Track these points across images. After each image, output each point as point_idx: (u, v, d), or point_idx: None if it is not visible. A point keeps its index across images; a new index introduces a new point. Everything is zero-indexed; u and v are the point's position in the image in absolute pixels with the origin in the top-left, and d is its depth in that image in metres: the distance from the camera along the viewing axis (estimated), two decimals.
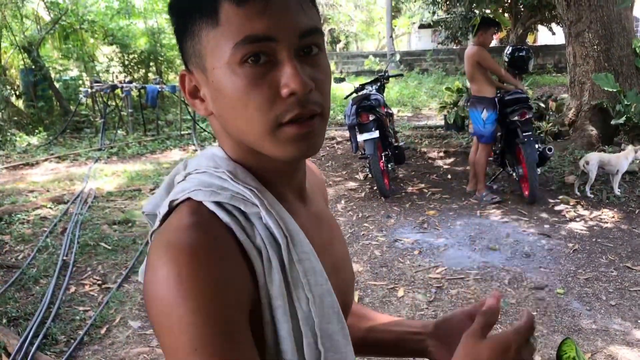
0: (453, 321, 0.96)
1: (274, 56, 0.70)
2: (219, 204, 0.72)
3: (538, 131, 7.75)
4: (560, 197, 5.78)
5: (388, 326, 1.05)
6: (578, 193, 5.82)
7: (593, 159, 5.72)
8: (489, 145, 5.89)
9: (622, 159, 5.77)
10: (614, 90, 7.22)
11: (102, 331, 3.51)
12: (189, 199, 0.74)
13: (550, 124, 8.05)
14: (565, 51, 8.31)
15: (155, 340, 3.36)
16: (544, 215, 5.39)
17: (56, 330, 3.46)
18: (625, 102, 7.15)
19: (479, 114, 5.70)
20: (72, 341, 3.36)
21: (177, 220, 0.71)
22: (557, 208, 5.55)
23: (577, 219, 5.26)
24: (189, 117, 9.94)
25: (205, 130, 9.63)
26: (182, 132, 9.55)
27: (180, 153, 8.31)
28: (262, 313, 0.71)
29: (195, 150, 8.32)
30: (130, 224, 5.41)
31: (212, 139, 9.16)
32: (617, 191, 5.75)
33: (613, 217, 5.28)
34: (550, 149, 5.63)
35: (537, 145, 5.54)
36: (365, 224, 5.35)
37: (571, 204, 5.61)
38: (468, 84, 6.62)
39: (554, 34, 18.88)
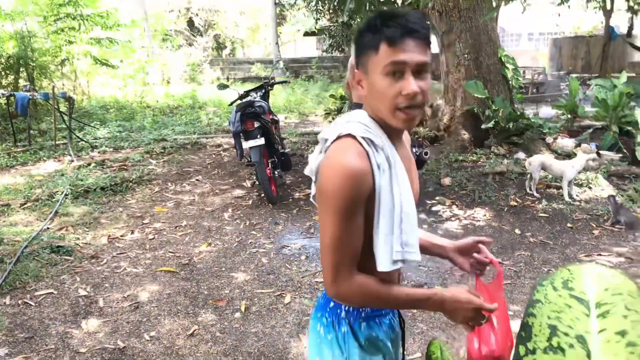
0: (467, 246, 1.66)
1: (402, 73, 1.33)
2: (363, 137, 1.36)
3: (415, 136, 8.12)
4: (437, 198, 6.09)
5: (427, 237, 1.72)
6: (530, 191, 6.16)
7: (534, 161, 6.10)
8: None
9: (567, 165, 5.98)
10: (483, 96, 7.73)
11: None
12: (349, 134, 1.37)
13: (427, 129, 8.46)
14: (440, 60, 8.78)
15: None
16: (422, 216, 5.65)
17: None
18: (494, 108, 7.68)
19: None
20: None
21: (343, 144, 1.37)
22: (434, 209, 5.84)
23: (453, 219, 5.57)
24: (64, 126, 9.38)
25: (82, 140, 9.14)
26: (57, 142, 8.99)
27: (55, 164, 7.81)
28: (374, 196, 1.35)
29: (72, 160, 7.87)
30: None
31: (89, 148, 8.71)
32: (566, 197, 5.96)
33: (485, 215, 5.65)
34: (427, 153, 5.89)
35: (414, 150, 5.78)
36: (253, 232, 5.33)
37: (447, 204, 5.93)
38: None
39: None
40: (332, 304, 1.52)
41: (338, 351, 1.49)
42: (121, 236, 5.26)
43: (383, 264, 1.37)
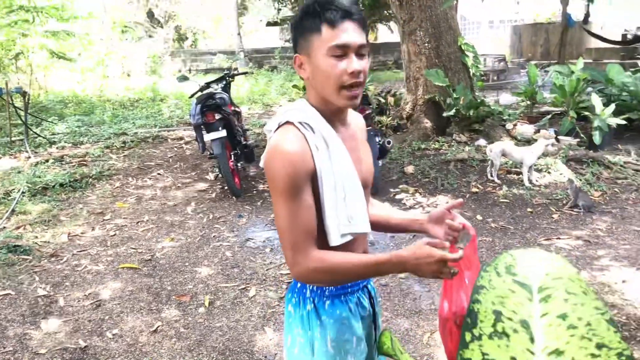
0: (440, 214, 1.66)
1: (345, 54, 1.43)
2: (299, 122, 1.47)
3: (379, 125, 8.16)
4: (401, 186, 6.14)
5: (400, 214, 1.83)
6: (492, 178, 6.27)
7: (495, 148, 6.19)
8: None
9: (527, 152, 6.11)
10: (444, 85, 7.81)
11: None
12: (287, 121, 1.49)
13: (390, 118, 8.51)
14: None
15: None
16: (387, 204, 5.68)
17: None
18: (455, 96, 7.76)
19: None
20: None
21: (282, 131, 1.47)
22: (398, 197, 5.89)
23: (416, 206, 5.63)
24: (20, 122, 9.13)
25: (39, 136, 8.91)
26: (13, 139, 8.75)
27: (12, 161, 7.61)
28: (317, 175, 1.45)
29: (29, 157, 7.66)
30: None
31: (47, 144, 8.50)
32: (526, 183, 6.08)
33: (447, 202, 5.67)
34: (389, 142, 5.94)
35: (377, 139, 5.81)
36: (217, 226, 5.29)
37: (410, 192, 5.98)
38: None
39: (392, 32, 19.98)
40: (299, 284, 1.60)
41: (303, 329, 1.57)
42: (82, 233, 5.15)
43: (333, 238, 1.48)
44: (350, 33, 1.43)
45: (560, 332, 0.89)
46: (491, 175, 6.28)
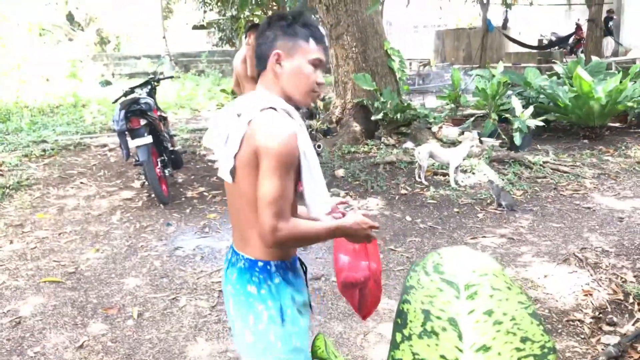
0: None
1: (320, 66, 1.77)
2: (282, 109, 1.70)
3: (309, 129, 8.18)
4: (332, 189, 6.17)
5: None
6: (419, 179, 6.39)
7: (423, 151, 6.32)
8: None
9: (453, 153, 6.31)
10: (372, 88, 7.93)
11: None
12: (270, 107, 1.68)
13: (320, 122, 8.55)
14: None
15: None
16: None
17: None
18: (382, 100, 7.89)
19: None
20: None
21: (271, 114, 1.66)
22: None
23: (347, 209, 5.65)
24: None
25: None
26: None
27: None
28: (300, 156, 1.67)
29: None
30: None
31: None
32: (453, 184, 6.23)
33: (377, 204, 5.80)
34: (320, 146, 5.97)
35: None
36: (144, 235, 5.13)
37: (342, 195, 6.02)
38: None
39: None
40: (260, 263, 1.76)
41: (273, 301, 1.74)
42: None
43: (317, 213, 1.80)
44: (324, 53, 1.79)
45: (487, 328, 0.90)
46: (419, 177, 6.42)
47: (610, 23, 17.88)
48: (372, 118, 7.96)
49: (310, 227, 1.72)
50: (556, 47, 19.76)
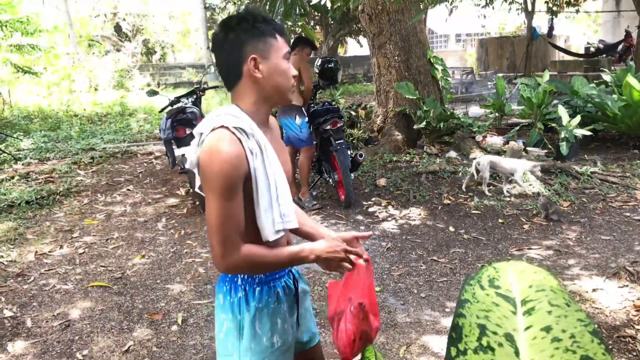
0: (347, 239, 1.84)
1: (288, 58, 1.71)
2: (235, 127, 1.56)
3: (350, 138, 8.19)
4: (373, 199, 6.15)
5: (311, 223, 1.92)
6: (478, 189, 6.34)
7: (483, 161, 6.24)
8: (310, 148, 6.05)
9: (519, 163, 6.22)
10: (414, 97, 7.88)
11: None
12: (222, 126, 1.56)
13: (361, 131, 8.55)
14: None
15: None
16: (360, 217, 5.69)
17: None
18: (425, 108, 7.84)
19: (292, 120, 5.87)
20: None
21: (217, 134, 1.54)
22: (370, 210, 5.90)
23: (389, 219, 5.64)
24: None
25: (4, 152, 8.69)
26: None
27: None
28: (251, 177, 1.56)
29: None
30: None
31: (12, 161, 8.29)
32: (520, 186, 6.21)
33: (420, 214, 5.74)
34: (361, 155, 5.96)
35: (349, 152, 5.82)
36: (189, 241, 5.21)
37: (383, 204, 6.00)
38: None
39: (361, 46, 20.16)
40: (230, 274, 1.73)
41: (232, 315, 1.70)
42: (49, 252, 5.02)
43: (268, 235, 1.63)
44: (288, 44, 1.73)
45: (545, 345, 0.88)
46: (466, 187, 6.35)
47: None
48: (415, 127, 7.91)
49: (267, 253, 1.61)
50: (604, 55, 19.26)
